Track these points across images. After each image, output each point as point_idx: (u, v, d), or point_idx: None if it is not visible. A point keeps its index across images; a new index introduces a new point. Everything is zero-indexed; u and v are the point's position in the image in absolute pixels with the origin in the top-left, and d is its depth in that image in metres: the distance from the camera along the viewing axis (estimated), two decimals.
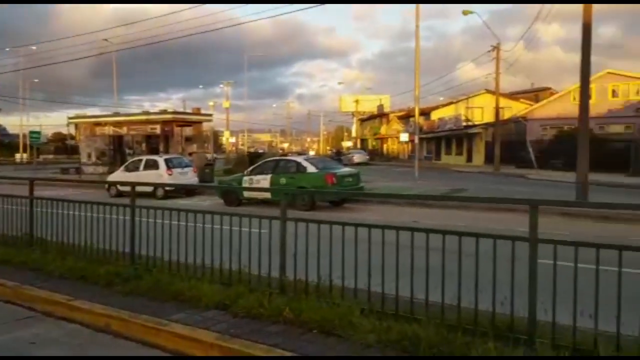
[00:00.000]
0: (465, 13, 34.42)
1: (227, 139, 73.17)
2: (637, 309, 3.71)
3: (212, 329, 4.78)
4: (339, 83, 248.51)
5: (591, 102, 17.92)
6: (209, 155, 63.24)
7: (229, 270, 5.84)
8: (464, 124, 51.68)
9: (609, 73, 39.59)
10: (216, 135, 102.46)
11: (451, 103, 58.06)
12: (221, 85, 74.28)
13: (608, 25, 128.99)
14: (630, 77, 38.92)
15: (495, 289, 4.28)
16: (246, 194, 17.95)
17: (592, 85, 33.01)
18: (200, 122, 32.49)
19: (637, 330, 3.74)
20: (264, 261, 5.59)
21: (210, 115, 36.91)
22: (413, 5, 27.97)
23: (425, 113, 57.62)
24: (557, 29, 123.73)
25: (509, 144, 41.83)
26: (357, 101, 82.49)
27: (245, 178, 18.39)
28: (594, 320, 3.90)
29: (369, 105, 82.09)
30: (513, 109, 50.61)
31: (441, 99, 63.21)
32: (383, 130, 75.92)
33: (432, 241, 4.63)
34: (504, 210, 14.25)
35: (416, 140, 30.89)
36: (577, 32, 16.42)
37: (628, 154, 29.94)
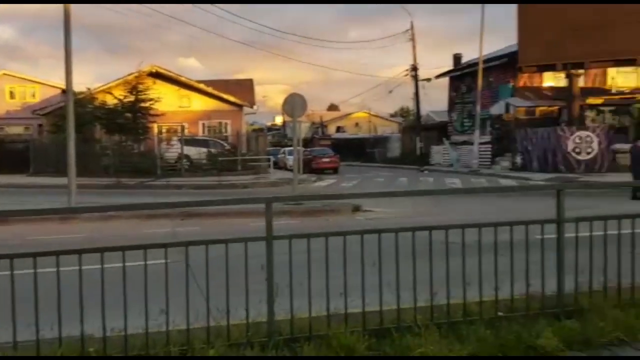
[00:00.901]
0: None
1: None
2: None
3: None
4: None
5: None
6: None
7: None
8: None
9: (5, 74, 39.88)
10: None
11: None
12: None
13: (6, 26, 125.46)
14: (27, 79, 40.75)
15: None
16: None
17: None
18: None
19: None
20: None
21: None
22: None
23: None
24: None
25: None
26: None
27: None
28: None
29: None
30: None
31: None
32: None
33: None
34: None
35: None
36: None
37: (28, 154, 30.76)
